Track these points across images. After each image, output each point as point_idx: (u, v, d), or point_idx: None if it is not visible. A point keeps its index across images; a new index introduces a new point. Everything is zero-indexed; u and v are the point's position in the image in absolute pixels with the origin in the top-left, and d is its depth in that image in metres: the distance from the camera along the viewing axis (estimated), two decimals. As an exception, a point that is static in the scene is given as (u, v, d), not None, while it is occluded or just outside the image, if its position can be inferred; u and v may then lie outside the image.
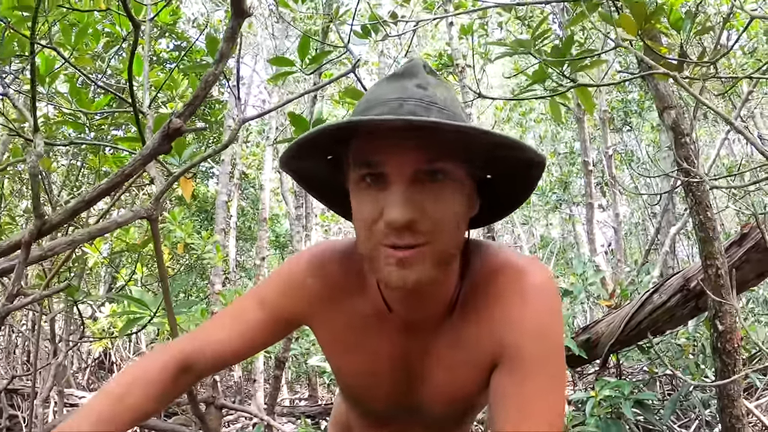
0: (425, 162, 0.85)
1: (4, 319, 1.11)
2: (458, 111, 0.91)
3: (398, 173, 0.85)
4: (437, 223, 0.86)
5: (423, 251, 0.86)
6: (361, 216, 0.89)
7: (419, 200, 0.85)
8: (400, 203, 0.83)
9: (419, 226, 0.85)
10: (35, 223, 1.13)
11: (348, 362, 1.13)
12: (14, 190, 6.83)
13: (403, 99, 0.86)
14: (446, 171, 0.87)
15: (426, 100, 0.87)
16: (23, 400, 6.42)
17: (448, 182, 0.87)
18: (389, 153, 0.85)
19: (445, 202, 0.87)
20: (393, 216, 0.83)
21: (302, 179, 1.07)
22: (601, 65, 2.49)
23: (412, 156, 0.84)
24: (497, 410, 0.94)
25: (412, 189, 0.85)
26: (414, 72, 0.92)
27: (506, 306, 0.97)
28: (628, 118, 10.27)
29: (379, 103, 0.87)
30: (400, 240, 0.85)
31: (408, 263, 0.86)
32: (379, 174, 0.86)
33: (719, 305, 2.65)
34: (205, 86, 1.18)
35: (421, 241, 0.85)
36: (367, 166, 0.87)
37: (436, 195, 0.86)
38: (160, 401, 1.03)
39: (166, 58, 7.00)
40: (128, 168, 1.17)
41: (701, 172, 2.42)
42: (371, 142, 0.86)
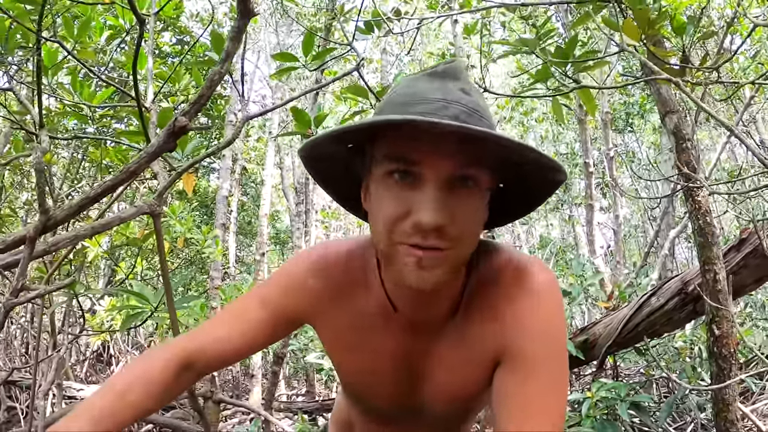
0: (461, 167, 0.85)
1: (8, 314, 1.12)
2: (493, 121, 0.91)
3: (434, 175, 0.84)
4: (462, 229, 0.86)
5: (444, 255, 0.86)
6: (384, 211, 0.88)
7: (450, 205, 0.84)
8: (434, 207, 0.83)
9: (447, 230, 0.84)
10: (40, 219, 1.14)
11: (350, 361, 1.13)
12: (14, 182, 6.83)
13: (447, 101, 0.85)
14: (476, 178, 0.87)
15: (470, 106, 0.86)
16: (21, 392, 6.43)
17: (475, 190, 0.87)
18: (427, 153, 0.84)
19: (472, 209, 0.88)
20: (425, 218, 0.82)
21: (315, 168, 1.04)
22: (603, 66, 2.50)
23: (451, 160, 0.84)
24: (500, 409, 0.95)
25: (444, 192, 0.84)
26: (456, 74, 0.91)
27: (510, 305, 0.98)
28: (629, 119, 10.27)
29: (420, 101, 0.86)
30: (425, 242, 0.84)
31: (428, 265, 0.86)
32: (412, 173, 0.85)
33: (716, 310, 2.66)
34: (211, 85, 1.19)
35: (445, 246, 0.85)
36: (402, 162, 0.85)
37: (465, 202, 0.86)
38: (162, 399, 1.03)
39: (168, 52, 6.99)
40: (133, 165, 1.18)
41: (701, 177, 2.42)
42: (409, 140, 0.84)
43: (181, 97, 5.36)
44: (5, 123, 5.72)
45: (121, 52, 4.82)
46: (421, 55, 11.19)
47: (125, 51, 4.77)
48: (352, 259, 1.10)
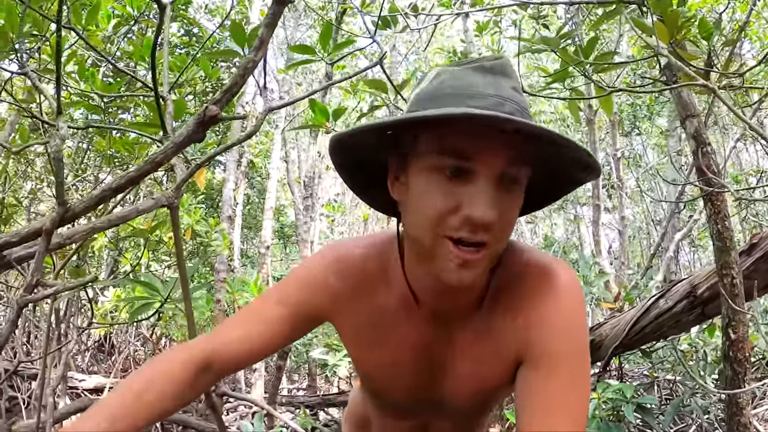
0: (511, 165, 0.85)
1: (22, 310, 1.10)
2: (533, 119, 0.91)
3: (487, 171, 0.84)
4: (505, 226, 0.88)
5: (484, 253, 0.87)
6: (431, 204, 0.87)
7: (499, 202, 0.85)
8: (487, 203, 0.83)
9: (495, 226, 0.85)
10: (58, 211, 1.12)
11: (371, 356, 1.14)
12: (18, 170, 6.82)
13: (502, 98, 0.86)
14: (521, 177, 0.88)
15: (522, 105, 0.87)
16: (23, 382, 6.42)
17: (519, 186, 0.89)
18: (482, 149, 0.84)
19: (515, 206, 0.90)
20: (478, 214, 0.83)
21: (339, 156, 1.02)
22: (620, 68, 2.47)
23: (503, 157, 0.84)
24: (523, 406, 0.96)
25: (495, 189, 0.85)
26: (507, 71, 0.91)
27: (535, 303, 0.99)
28: (637, 122, 10.23)
29: (474, 95, 0.86)
30: (474, 236, 0.85)
31: (471, 265, 0.87)
32: (464, 168, 0.85)
33: (734, 314, 2.63)
34: (244, 73, 1.16)
35: (488, 242, 0.86)
36: (455, 157, 0.85)
37: (510, 198, 0.88)
38: (179, 400, 1.03)
39: (176, 44, 6.97)
40: (159, 156, 1.15)
41: (725, 182, 2.40)
42: (463, 134, 0.84)
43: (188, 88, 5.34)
44: (11, 111, 5.70)
45: (128, 42, 4.80)
46: (427, 53, 11.15)
47: (132, 40, 4.75)
48: (371, 256, 1.11)
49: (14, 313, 1.11)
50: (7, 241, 1.19)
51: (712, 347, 4.39)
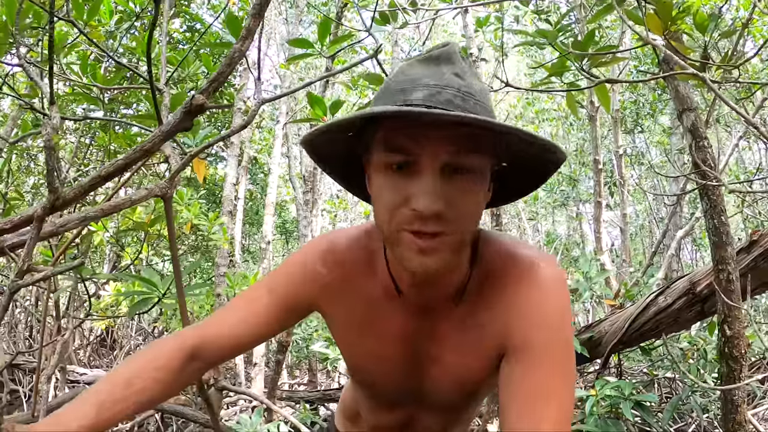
0: (456, 154, 0.85)
1: (14, 295, 1.10)
2: (490, 103, 0.91)
3: (430, 163, 0.85)
4: (462, 214, 0.87)
5: (444, 240, 0.87)
6: (385, 200, 0.89)
7: (447, 192, 0.85)
8: (431, 194, 0.84)
9: (445, 216, 0.85)
10: (48, 198, 1.12)
11: (358, 345, 1.14)
12: (22, 165, 6.83)
13: (439, 87, 0.86)
14: (473, 165, 0.87)
15: (463, 90, 0.86)
16: (24, 375, 6.46)
17: (473, 175, 0.88)
18: (422, 142, 0.85)
19: (470, 194, 0.88)
20: (422, 205, 0.84)
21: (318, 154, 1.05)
22: (618, 63, 2.46)
23: (445, 148, 0.85)
24: (506, 398, 0.95)
25: (441, 180, 0.85)
26: (450, 58, 0.91)
27: (516, 296, 0.99)
28: (639, 119, 10.20)
29: (414, 87, 0.87)
30: (425, 227, 0.86)
31: (430, 251, 0.87)
32: (408, 161, 0.86)
33: (729, 310, 2.63)
34: (230, 62, 1.16)
35: (444, 230, 0.86)
36: (398, 152, 0.87)
37: (463, 187, 0.87)
38: (168, 388, 1.03)
39: (178, 39, 6.97)
40: (147, 144, 1.16)
41: (719, 175, 2.39)
42: (404, 129, 0.85)
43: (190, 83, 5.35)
44: (13, 106, 5.72)
45: (130, 38, 4.80)
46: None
47: (135, 36, 4.75)
48: (359, 245, 1.11)
49: (6, 297, 1.12)
50: (0, 228, 1.20)
51: (713, 345, 4.38)
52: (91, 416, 0.91)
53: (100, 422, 0.92)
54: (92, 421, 0.91)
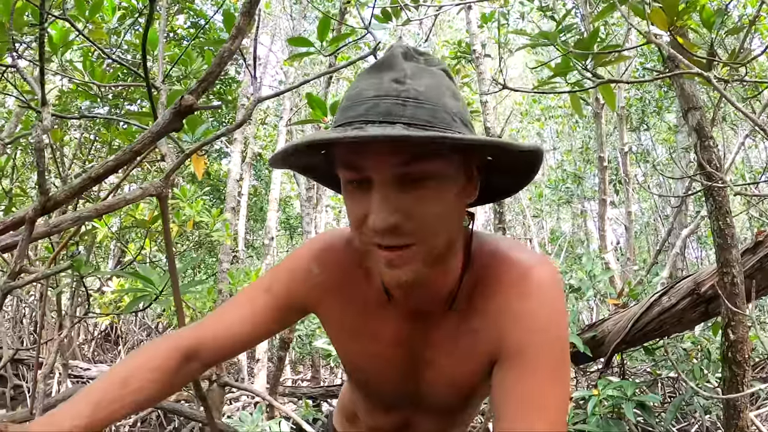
0: (404, 165, 0.83)
1: (6, 296, 1.09)
2: (442, 100, 0.86)
3: (379, 178, 0.84)
4: (423, 224, 0.86)
5: (412, 251, 0.86)
6: (350, 215, 0.91)
7: (402, 203, 0.84)
8: (381, 209, 0.84)
9: (403, 228, 0.85)
10: (39, 200, 1.11)
11: (354, 347, 1.14)
12: (26, 162, 6.85)
13: (379, 97, 0.84)
14: (429, 171, 0.85)
15: (402, 96, 0.83)
16: (28, 370, 6.49)
17: (432, 181, 0.85)
18: (369, 158, 0.84)
19: (430, 202, 0.86)
20: (374, 222, 0.84)
21: (303, 171, 1.08)
22: (623, 61, 2.44)
23: (391, 160, 0.83)
24: (498, 405, 0.94)
25: (394, 193, 0.84)
26: (391, 63, 0.88)
27: (509, 301, 0.97)
28: (645, 117, 10.14)
29: (357, 102, 0.85)
30: (386, 242, 0.86)
31: (398, 264, 0.87)
32: (362, 178, 0.86)
33: (733, 314, 2.59)
34: (220, 62, 1.14)
35: (407, 242, 0.86)
36: (350, 170, 0.87)
37: (420, 196, 0.85)
38: (165, 388, 1.03)
39: (182, 35, 6.96)
40: (137, 145, 1.14)
41: (725, 176, 2.36)
42: (351, 148, 0.85)
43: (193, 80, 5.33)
44: (17, 103, 5.73)
45: (134, 35, 4.79)
46: (434, 45, 11.11)
47: (138, 32, 4.74)
48: (355, 247, 1.09)
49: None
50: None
51: (716, 346, 4.35)
52: (85, 415, 0.91)
53: (95, 422, 0.91)
54: (87, 421, 0.90)
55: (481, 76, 5.33)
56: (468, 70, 6.99)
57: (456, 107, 0.87)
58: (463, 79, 7.05)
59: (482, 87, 5.24)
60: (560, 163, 13.45)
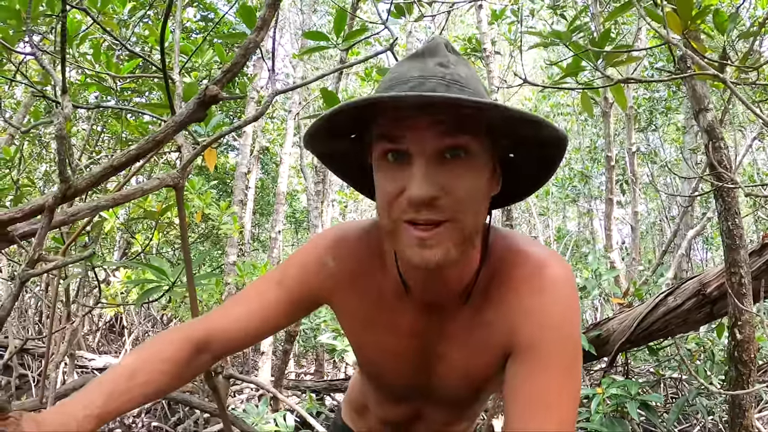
0: (445, 138, 0.84)
1: (24, 284, 1.11)
2: (479, 88, 0.90)
3: (419, 150, 0.85)
4: (459, 200, 0.86)
5: (445, 230, 0.86)
6: (382, 191, 0.90)
7: (440, 177, 0.85)
8: (421, 180, 0.83)
9: (440, 202, 0.85)
10: (60, 187, 1.12)
11: (368, 340, 1.14)
12: (33, 152, 6.87)
13: (424, 77, 0.86)
14: (467, 147, 0.86)
15: (447, 78, 0.86)
16: (34, 360, 6.52)
17: (469, 159, 0.87)
18: (411, 129, 0.85)
19: (467, 179, 0.87)
20: (414, 192, 0.83)
21: (327, 158, 1.07)
22: (634, 62, 2.44)
23: (433, 132, 0.84)
24: (508, 401, 0.94)
25: (433, 165, 0.85)
26: (435, 51, 0.92)
27: (523, 296, 0.97)
28: (653, 117, 10.10)
29: (400, 82, 0.87)
30: (419, 215, 0.85)
31: (430, 243, 0.86)
32: (401, 150, 0.87)
33: (740, 314, 2.60)
34: (245, 53, 1.15)
35: (441, 218, 0.85)
36: (389, 142, 0.87)
37: (458, 172, 0.86)
38: (176, 379, 1.04)
39: (192, 28, 6.98)
40: (160, 134, 1.15)
41: (736, 177, 2.36)
42: (394, 119, 0.86)
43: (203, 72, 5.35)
44: (26, 93, 5.75)
45: (143, 27, 4.81)
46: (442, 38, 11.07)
47: (148, 24, 4.76)
48: (370, 239, 1.10)
49: (17, 286, 1.12)
50: (11, 217, 1.20)
51: (720, 347, 4.36)
52: (97, 405, 0.91)
53: (107, 412, 0.92)
54: (99, 411, 0.91)
55: (491, 74, 5.33)
56: (476, 66, 6.99)
57: (488, 96, 0.90)
58: (472, 76, 7.02)
59: (491, 85, 5.23)
60: (568, 161, 13.41)
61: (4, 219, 1.20)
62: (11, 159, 3.95)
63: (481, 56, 5.77)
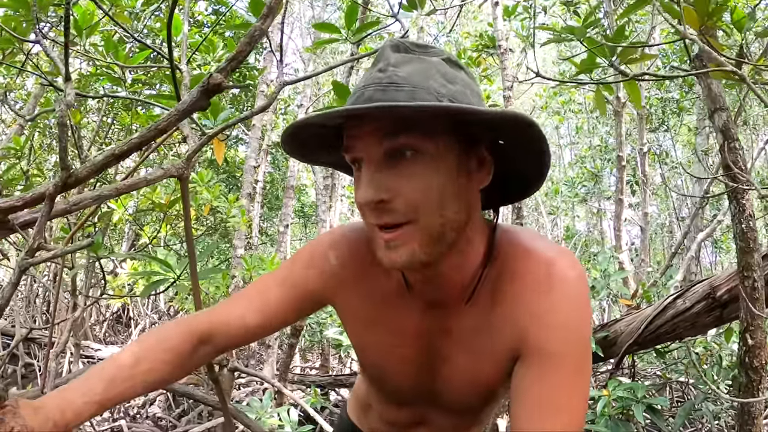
0: (384, 141, 0.86)
1: (24, 273, 1.09)
2: (426, 83, 0.87)
3: (366, 155, 0.88)
4: (411, 200, 0.86)
5: (407, 231, 0.87)
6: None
7: (387, 180, 0.86)
8: (366, 185, 0.87)
9: (393, 205, 0.86)
10: (61, 176, 1.10)
11: (371, 339, 1.12)
12: (44, 143, 6.89)
13: (365, 87, 0.88)
14: (415, 147, 0.86)
15: (384, 82, 0.86)
16: (40, 349, 6.56)
17: (418, 158, 0.86)
18: (358, 138, 0.88)
19: (418, 179, 0.86)
20: (359, 197, 0.88)
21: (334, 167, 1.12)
22: (650, 59, 2.41)
23: (374, 138, 0.86)
24: (516, 404, 0.92)
25: (382, 169, 0.87)
26: (380, 56, 0.93)
27: (531, 296, 0.94)
28: (665, 117, 10.01)
29: (352, 95, 0.91)
30: (379, 220, 0.87)
31: (394, 245, 0.88)
32: (357, 159, 0.90)
33: (752, 319, 2.56)
34: (250, 41, 1.13)
35: (400, 221, 0.87)
36: (347, 152, 0.91)
37: (409, 172, 0.86)
38: (178, 369, 1.04)
39: (204, 22, 6.98)
40: (162, 123, 1.13)
41: (752, 178, 2.32)
42: (350, 130, 0.90)
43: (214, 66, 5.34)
44: (36, 85, 5.76)
45: (154, 20, 4.80)
46: (458, 36, 11.03)
47: (159, 17, 4.75)
48: None
49: (16, 274, 1.11)
50: (12, 206, 1.19)
51: (728, 352, 4.31)
52: (97, 392, 0.91)
53: (107, 400, 0.92)
54: (98, 398, 0.91)
55: (504, 72, 5.28)
56: (487, 62, 6.93)
57: (446, 89, 0.88)
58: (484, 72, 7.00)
59: (506, 82, 5.18)
60: (579, 158, 13.31)
61: (4, 207, 1.19)
62: (21, 149, 3.95)
63: (497, 53, 5.73)
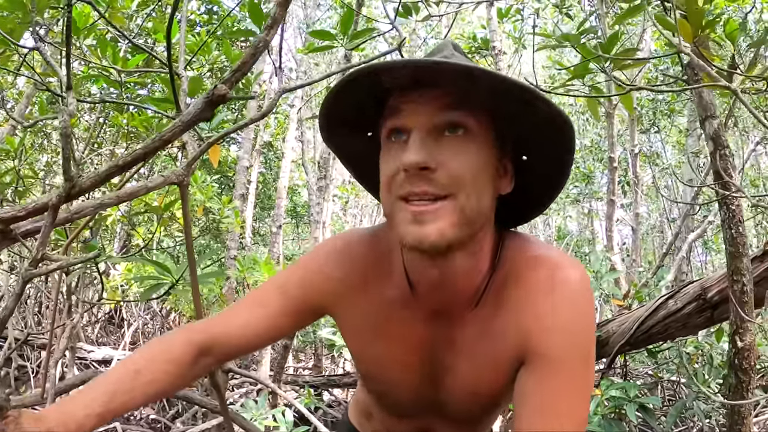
0: (443, 111, 0.86)
1: (26, 285, 1.10)
2: None
3: (416, 122, 0.87)
4: (455, 175, 0.85)
5: (441, 207, 0.85)
6: (383, 173, 0.91)
7: (436, 150, 0.86)
8: (416, 147, 0.84)
9: (436, 175, 0.85)
10: (64, 187, 1.11)
11: (372, 351, 1.11)
12: (35, 143, 6.85)
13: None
14: (466, 125, 0.87)
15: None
16: (32, 351, 6.52)
17: (467, 137, 0.87)
18: (410, 103, 0.87)
19: (465, 155, 0.87)
20: (408, 159, 0.84)
21: (347, 160, 1.10)
22: (642, 65, 2.43)
23: (431, 107, 0.86)
24: (518, 406, 0.93)
25: (430, 138, 0.86)
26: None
27: (536, 301, 0.95)
28: (656, 118, 10.07)
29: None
30: (416, 187, 0.85)
31: (424, 219, 0.85)
32: (402, 127, 0.88)
33: (741, 322, 2.59)
34: (255, 52, 1.15)
35: (438, 191, 0.85)
36: (391, 116, 0.89)
37: (456, 147, 0.87)
38: (179, 380, 1.04)
39: (196, 22, 6.95)
40: (167, 133, 1.15)
41: (741, 186, 2.35)
42: (398, 98, 0.89)
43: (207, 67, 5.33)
44: (29, 84, 5.73)
45: (147, 20, 4.78)
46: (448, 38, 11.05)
47: (155, 18, 4.74)
48: (376, 244, 1.09)
49: (19, 286, 1.12)
50: (14, 216, 1.20)
51: (719, 351, 4.35)
52: (99, 404, 0.91)
53: (108, 411, 0.92)
54: (99, 410, 0.91)
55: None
56: (481, 64, 6.94)
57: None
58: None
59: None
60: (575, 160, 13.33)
61: (7, 217, 1.20)
62: (15, 150, 3.93)
63: (490, 55, 5.75)
